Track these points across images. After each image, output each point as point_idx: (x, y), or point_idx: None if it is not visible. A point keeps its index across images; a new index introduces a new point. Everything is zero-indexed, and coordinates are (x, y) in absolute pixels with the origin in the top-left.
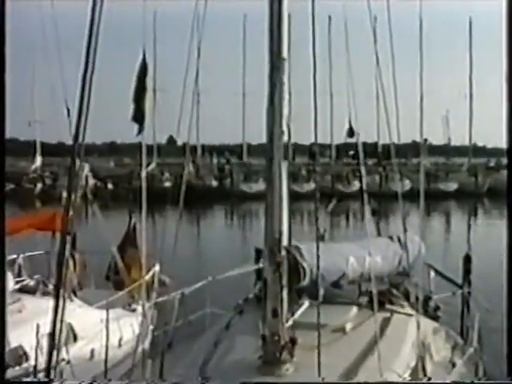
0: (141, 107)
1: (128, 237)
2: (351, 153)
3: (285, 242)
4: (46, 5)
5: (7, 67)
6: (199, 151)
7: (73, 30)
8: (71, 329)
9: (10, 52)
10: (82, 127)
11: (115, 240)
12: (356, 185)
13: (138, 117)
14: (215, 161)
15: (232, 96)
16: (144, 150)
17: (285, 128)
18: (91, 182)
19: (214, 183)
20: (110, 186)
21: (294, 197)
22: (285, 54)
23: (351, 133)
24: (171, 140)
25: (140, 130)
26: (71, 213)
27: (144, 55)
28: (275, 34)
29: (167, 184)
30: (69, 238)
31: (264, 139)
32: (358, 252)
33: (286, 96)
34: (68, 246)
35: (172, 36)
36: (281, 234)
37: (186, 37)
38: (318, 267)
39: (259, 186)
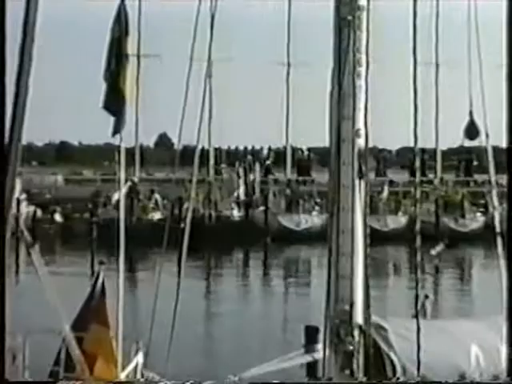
0: (118, 87)
1: (90, 306)
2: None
3: (359, 318)
4: None
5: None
6: (212, 159)
7: None
8: None
9: None
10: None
11: (68, 311)
12: (477, 219)
13: (115, 103)
14: (239, 173)
15: (262, 67)
16: (122, 155)
17: (361, 126)
18: (26, 211)
19: (237, 213)
20: (58, 217)
21: (374, 238)
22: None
23: (473, 132)
24: (163, 141)
25: (117, 127)
26: None
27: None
28: None
29: (157, 215)
30: None
31: (316, 141)
32: (486, 337)
33: (364, 73)
34: None
35: None
36: (352, 303)
37: None
38: (418, 362)
39: (313, 219)
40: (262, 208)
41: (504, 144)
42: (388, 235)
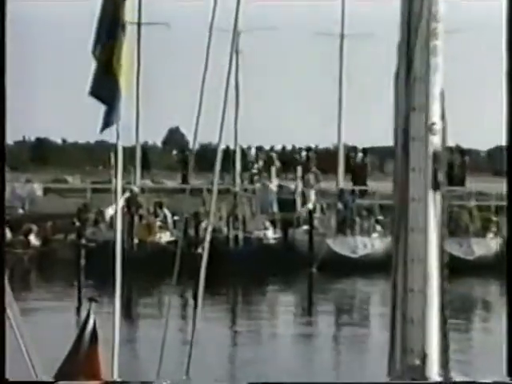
0: (112, 66)
1: (78, 356)
2: None
3: (435, 376)
4: None
5: None
6: (239, 162)
7: None
8: None
9: None
10: None
11: (49, 361)
12: None
13: (106, 87)
14: (274, 185)
15: (305, 40)
16: (119, 157)
17: (437, 120)
18: None
19: (272, 235)
20: (34, 239)
21: (454, 269)
22: None
23: None
24: (175, 138)
25: (109, 119)
26: None
27: None
28: None
29: (166, 236)
30: None
31: (373, 140)
32: None
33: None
34: None
35: None
36: (425, 356)
37: None
38: None
39: (374, 243)
40: (305, 227)
41: None
42: (473, 265)
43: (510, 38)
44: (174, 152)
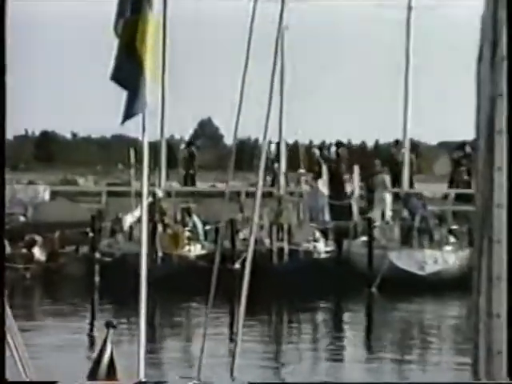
0: (135, 45)
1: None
2: None
3: None
4: None
5: None
6: (284, 162)
7: None
8: None
9: None
10: None
11: None
12: None
13: (129, 71)
14: (325, 187)
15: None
16: (145, 154)
17: None
18: None
19: (323, 247)
20: (38, 253)
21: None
22: None
23: None
24: (206, 131)
25: (133, 108)
26: None
27: None
28: None
29: (196, 249)
30: None
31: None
32: None
33: None
34: None
35: None
36: None
37: None
38: None
39: (446, 258)
40: (363, 239)
41: None
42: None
43: (510, 37)
44: (182, 146)
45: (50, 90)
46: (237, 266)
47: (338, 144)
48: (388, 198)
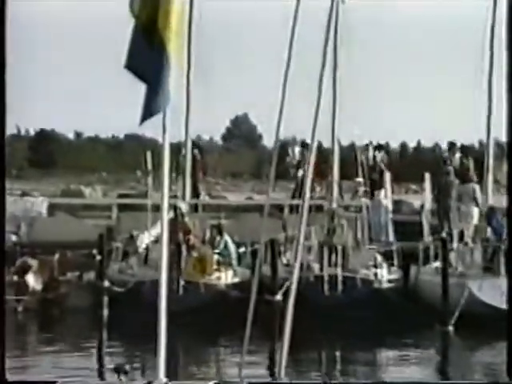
0: (156, 27)
1: None
2: None
3: None
4: None
5: None
6: (337, 167)
7: None
8: None
9: None
10: None
11: None
12: None
13: (148, 60)
14: (388, 200)
15: None
16: (166, 158)
17: None
18: None
19: (386, 275)
20: (33, 280)
21: None
22: None
23: None
24: (241, 129)
25: (154, 105)
26: None
27: None
28: None
29: (228, 276)
30: None
31: None
32: None
33: None
34: None
35: None
36: None
37: None
38: None
39: None
40: (435, 264)
41: None
42: None
43: (510, 37)
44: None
45: (48, 79)
46: (278, 297)
47: (402, 146)
48: (476, 213)
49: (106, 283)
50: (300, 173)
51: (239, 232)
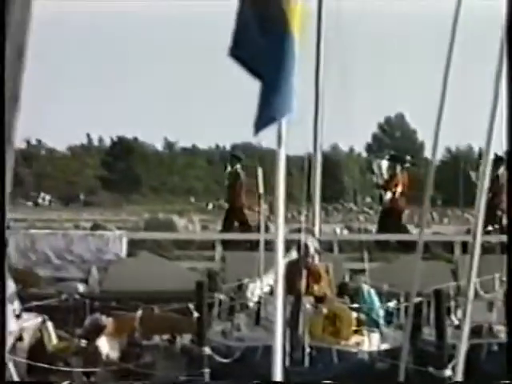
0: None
1: None
2: None
3: None
4: None
5: None
6: None
7: None
8: None
9: None
10: None
11: None
12: None
13: (266, 46)
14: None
15: None
16: (281, 177)
17: None
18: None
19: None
20: (105, 347)
21: None
22: None
23: None
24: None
25: (272, 109)
26: None
27: None
28: None
29: (374, 341)
30: None
31: None
32: None
33: None
34: None
35: None
36: None
37: None
38: None
39: None
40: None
41: None
42: None
43: (510, 37)
44: (238, 166)
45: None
46: (448, 372)
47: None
48: None
49: (207, 350)
50: (388, 195)
51: (390, 279)
